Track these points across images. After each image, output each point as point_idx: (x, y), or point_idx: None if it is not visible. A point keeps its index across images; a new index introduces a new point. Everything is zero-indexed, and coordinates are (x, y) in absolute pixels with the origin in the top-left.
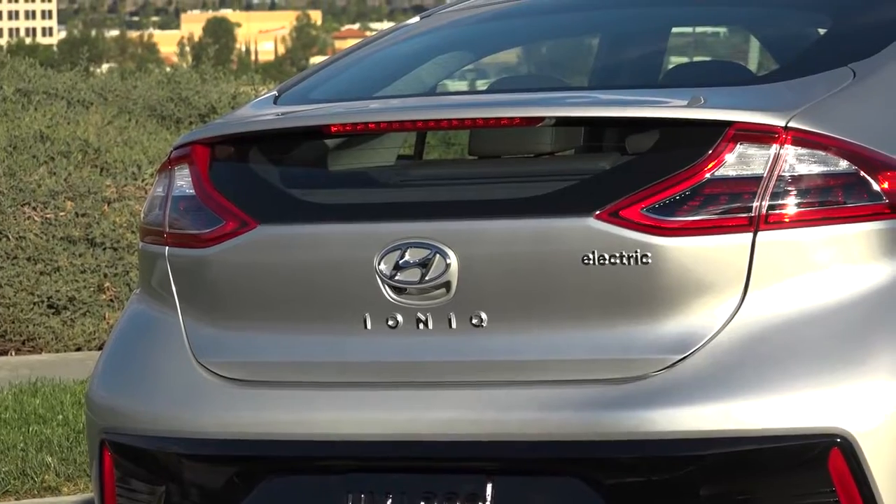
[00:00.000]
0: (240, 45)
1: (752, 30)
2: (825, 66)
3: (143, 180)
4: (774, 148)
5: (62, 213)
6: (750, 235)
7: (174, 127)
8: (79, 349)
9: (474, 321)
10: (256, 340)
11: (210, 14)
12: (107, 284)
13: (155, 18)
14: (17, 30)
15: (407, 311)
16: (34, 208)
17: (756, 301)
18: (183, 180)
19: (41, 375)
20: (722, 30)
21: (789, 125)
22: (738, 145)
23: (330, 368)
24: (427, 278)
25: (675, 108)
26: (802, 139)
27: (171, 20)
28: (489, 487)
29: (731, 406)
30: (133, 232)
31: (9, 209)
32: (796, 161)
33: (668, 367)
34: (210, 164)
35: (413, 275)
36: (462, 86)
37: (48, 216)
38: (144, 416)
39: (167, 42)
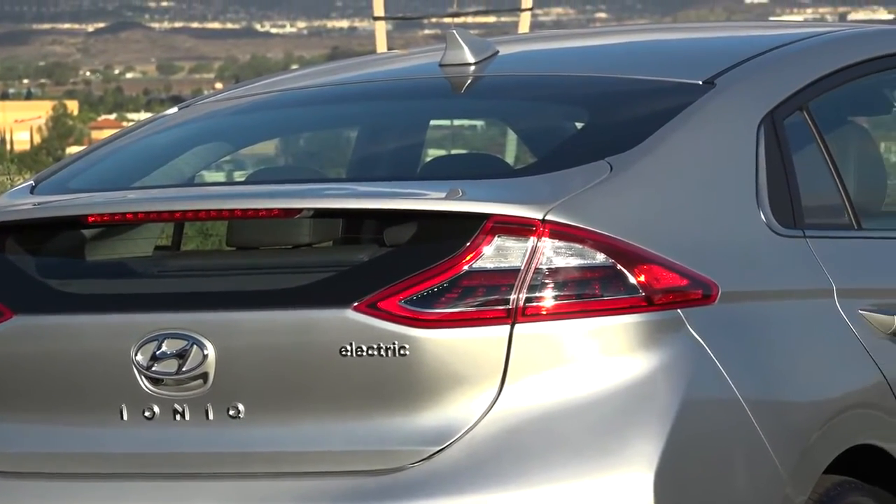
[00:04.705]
0: None
1: (509, 123)
2: (582, 160)
3: None
4: (532, 241)
5: None
6: (507, 328)
7: None
8: None
9: (231, 412)
10: (12, 431)
11: None
12: None
13: None
14: None
15: (164, 402)
16: None
17: (513, 393)
18: None
19: None
20: (480, 123)
21: (546, 218)
22: (495, 238)
23: (87, 460)
24: (184, 369)
25: (432, 201)
26: (560, 232)
27: None
28: None
29: (489, 498)
30: None
31: None
32: (553, 254)
33: (425, 459)
34: None
35: (170, 366)
36: (220, 176)
37: None
38: None
39: None
